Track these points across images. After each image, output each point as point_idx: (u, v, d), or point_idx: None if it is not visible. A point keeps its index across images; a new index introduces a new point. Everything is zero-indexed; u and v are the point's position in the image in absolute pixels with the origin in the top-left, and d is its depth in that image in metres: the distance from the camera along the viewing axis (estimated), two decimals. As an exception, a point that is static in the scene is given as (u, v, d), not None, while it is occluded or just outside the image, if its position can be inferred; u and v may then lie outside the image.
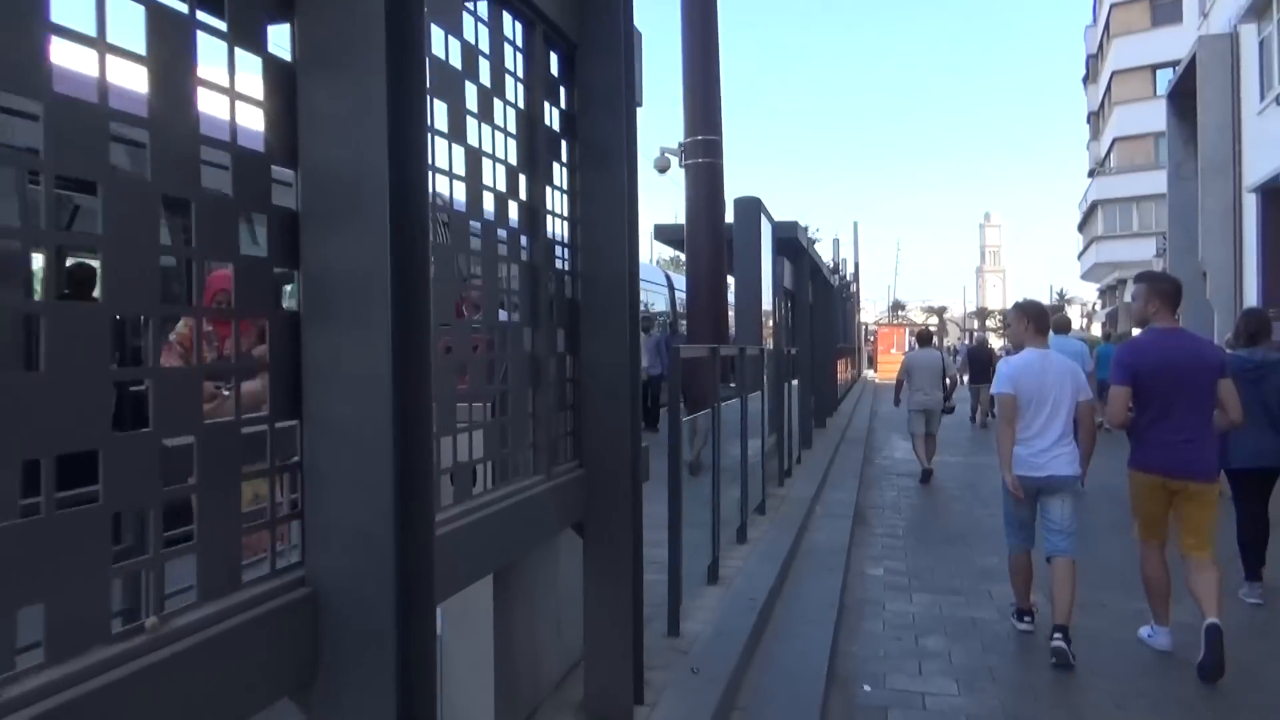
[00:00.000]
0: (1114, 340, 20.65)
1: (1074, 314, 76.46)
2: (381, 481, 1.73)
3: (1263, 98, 20.16)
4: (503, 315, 3.01)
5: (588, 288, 3.47)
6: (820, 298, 16.45)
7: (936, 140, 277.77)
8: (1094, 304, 66.60)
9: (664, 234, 11.04)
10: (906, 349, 30.91)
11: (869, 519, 9.01)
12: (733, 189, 9.11)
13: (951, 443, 15.69)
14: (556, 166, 3.36)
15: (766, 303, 8.85)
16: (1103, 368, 13.66)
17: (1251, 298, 20.82)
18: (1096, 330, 48.87)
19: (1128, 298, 45.03)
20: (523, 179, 3.04)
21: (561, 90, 3.40)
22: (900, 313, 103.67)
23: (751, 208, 7.82)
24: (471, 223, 2.64)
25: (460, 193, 2.58)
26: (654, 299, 21.51)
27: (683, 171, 9.77)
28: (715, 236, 9.12)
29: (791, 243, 11.26)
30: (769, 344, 8.72)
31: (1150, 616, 5.16)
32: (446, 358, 2.45)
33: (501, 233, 2.84)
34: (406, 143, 1.82)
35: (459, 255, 2.60)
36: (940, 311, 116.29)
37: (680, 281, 15.06)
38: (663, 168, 11.18)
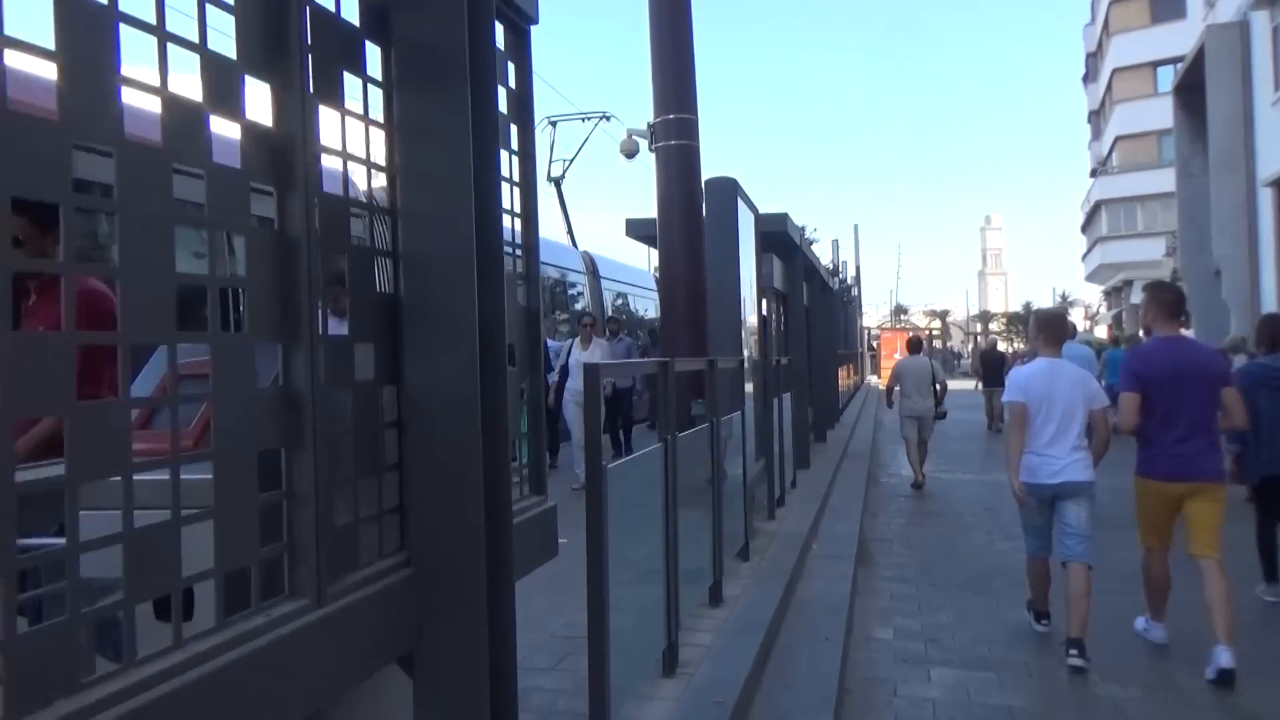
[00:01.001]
0: (1123, 343, 19.07)
1: (1077, 316, 75.34)
2: None
3: (1277, 87, 18.97)
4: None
5: (416, 277, 2.18)
6: (818, 301, 15.14)
7: (936, 144, 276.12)
8: (1098, 306, 65.24)
9: (636, 229, 9.75)
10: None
11: (875, 557, 7.69)
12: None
13: (963, 456, 14.42)
14: (351, 80, 2.08)
15: (749, 305, 7.57)
16: (1112, 373, 12.42)
17: (1269, 295, 19.54)
18: (1101, 333, 47.59)
19: (1134, 299, 44.11)
20: (252, 85, 1.75)
21: (358, -41, 2.12)
22: (903, 317, 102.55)
23: (725, 190, 6.53)
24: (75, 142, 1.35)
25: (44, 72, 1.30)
26: (645, 305, 20.20)
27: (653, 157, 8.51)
28: (692, 230, 7.82)
29: (780, 238, 9.95)
30: (752, 352, 7.42)
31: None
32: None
33: (188, 168, 1.55)
34: None
35: None
36: (943, 315, 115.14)
37: None
38: (630, 152, 9.94)
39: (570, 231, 19.59)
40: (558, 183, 19.47)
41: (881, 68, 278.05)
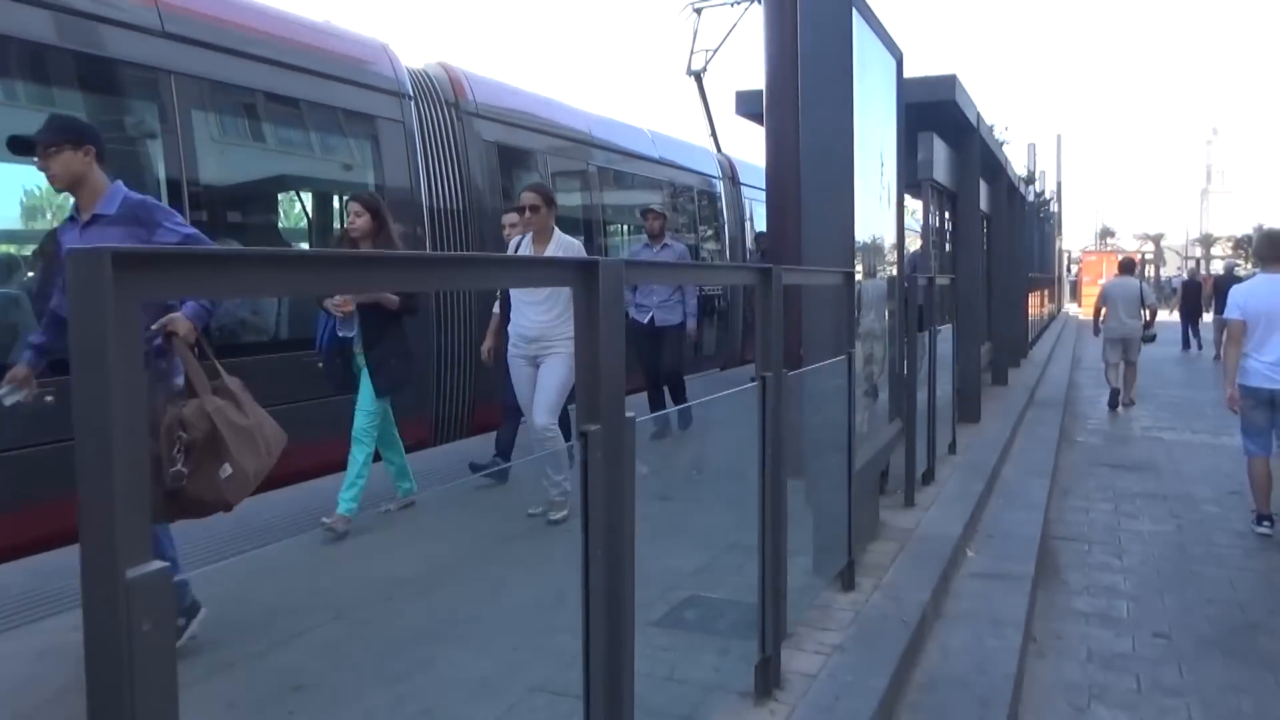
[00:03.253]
0: None
1: None
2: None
3: None
4: None
5: None
6: (1003, 209, 12.13)
7: (1151, 45, 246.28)
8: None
9: (748, 104, 7.36)
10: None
11: (1064, 572, 5.20)
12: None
13: (1191, 408, 11.27)
14: None
15: (885, 197, 5.09)
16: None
17: None
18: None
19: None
20: None
21: None
22: (1109, 240, 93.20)
23: (835, 3, 4.04)
24: None
25: None
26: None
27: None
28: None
29: (947, 111, 7.24)
30: (883, 266, 4.98)
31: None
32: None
33: None
34: None
35: None
36: (1157, 239, 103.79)
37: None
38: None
39: (714, 134, 17.08)
40: (699, 76, 16.94)
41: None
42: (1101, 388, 13.29)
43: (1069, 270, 45.44)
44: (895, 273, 5.41)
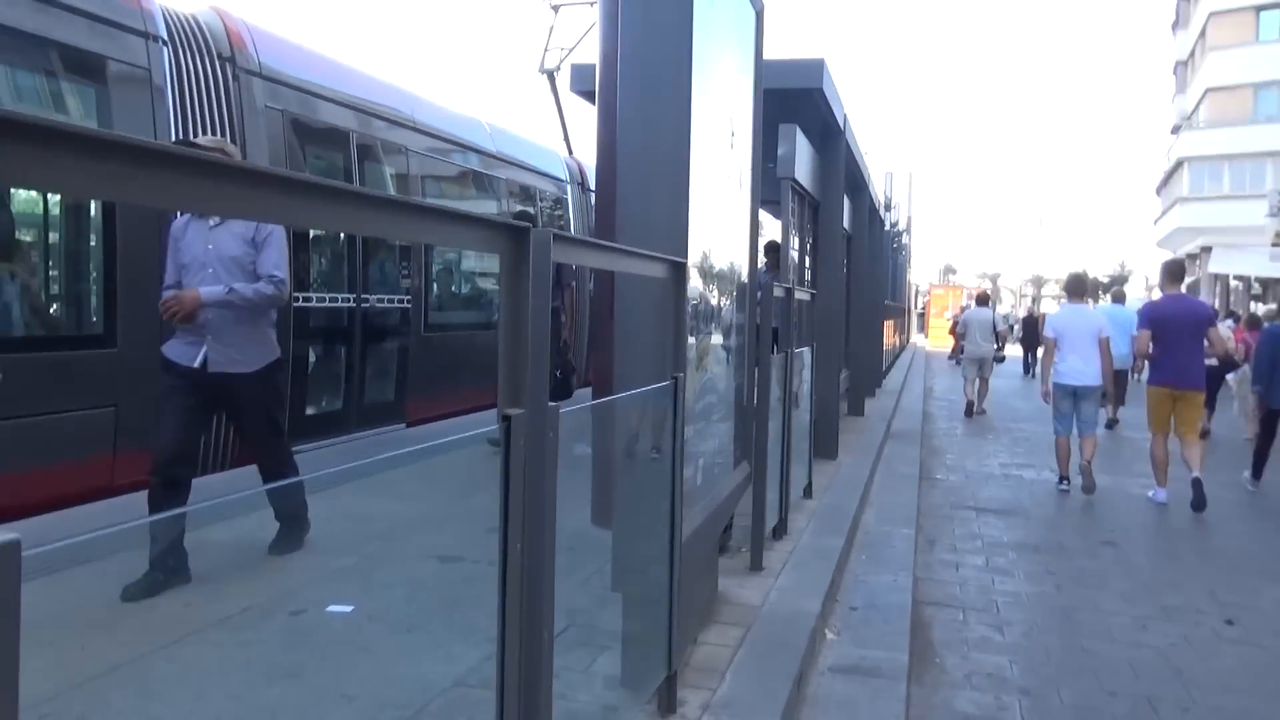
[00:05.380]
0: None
1: (1137, 285, 73.38)
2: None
3: None
4: None
5: None
6: (864, 229, 11.45)
7: (991, 93, 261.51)
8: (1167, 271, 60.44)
9: (583, 79, 6.25)
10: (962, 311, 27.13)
11: (939, 651, 4.20)
12: None
13: (1045, 444, 10.73)
14: None
15: (736, 181, 4.01)
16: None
17: None
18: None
19: (1212, 268, 40.47)
20: None
21: None
22: (951, 277, 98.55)
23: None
24: None
25: None
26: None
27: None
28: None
29: (811, 104, 6.25)
30: (719, 264, 3.88)
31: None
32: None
33: None
34: None
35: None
36: (994, 278, 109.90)
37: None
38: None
39: (566, 136, 15.93)
40: (551, 76, 15.78)
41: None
42: (956, 420, 13.09)
43: (917, 303, 46.66)
44: (746, 277, 4.33)
